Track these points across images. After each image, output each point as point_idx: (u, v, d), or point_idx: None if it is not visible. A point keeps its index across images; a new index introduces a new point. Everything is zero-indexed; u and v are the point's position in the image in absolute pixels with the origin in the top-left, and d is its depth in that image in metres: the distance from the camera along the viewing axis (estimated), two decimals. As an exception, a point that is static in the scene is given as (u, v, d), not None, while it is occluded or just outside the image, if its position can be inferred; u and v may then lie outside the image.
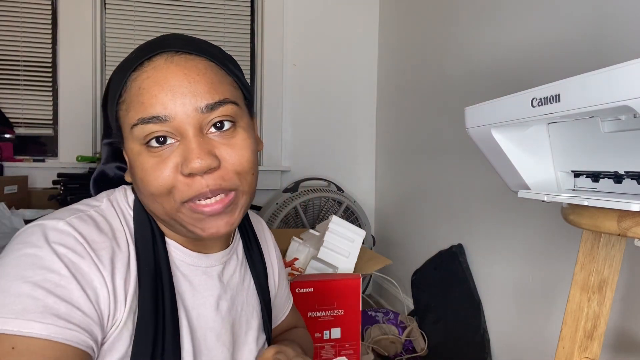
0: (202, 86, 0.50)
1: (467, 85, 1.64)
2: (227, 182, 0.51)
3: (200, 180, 0.49)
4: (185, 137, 0.49)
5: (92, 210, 0.53)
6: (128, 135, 0.51)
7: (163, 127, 0.49)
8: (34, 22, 2.15)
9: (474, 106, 0.78)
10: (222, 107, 0.51)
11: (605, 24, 1.04)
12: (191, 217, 0.51)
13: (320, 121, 2.44)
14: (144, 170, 0.50)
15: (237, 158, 0.52)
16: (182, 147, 0.49)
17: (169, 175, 0.49)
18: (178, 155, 0.49)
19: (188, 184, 0.49)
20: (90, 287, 0.47)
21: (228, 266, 0.63)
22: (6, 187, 1.77)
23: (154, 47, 0.51)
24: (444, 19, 1.81)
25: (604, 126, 0.60)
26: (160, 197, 0.50)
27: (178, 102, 0.48)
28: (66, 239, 0.47)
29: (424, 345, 1.69)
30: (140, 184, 0.51)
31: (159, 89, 0.48)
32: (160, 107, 0.48)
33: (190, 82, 0.49)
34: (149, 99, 0.49)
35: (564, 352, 0.71)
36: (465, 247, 1.64)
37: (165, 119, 0.48)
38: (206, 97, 0.50)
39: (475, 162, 1.56)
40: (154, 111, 0.48)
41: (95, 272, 0.48)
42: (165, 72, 0.49)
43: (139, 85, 0.49)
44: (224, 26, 2.36)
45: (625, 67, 0.47)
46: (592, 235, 0.70)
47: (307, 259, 1.47)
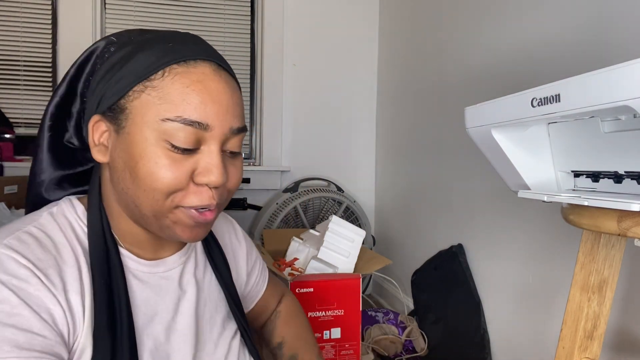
0: (239, 109, 0.54)
1: (467, 86, 1.64)
2: (222, 198, 0.54)
3: (209, 192, 0.51)
4: (209, 149, 0.51)
5: (30, 227, 0.51)
6: (148, 123, 0.49)
7: (198, 135, 0.49)
8: (34, 22, 2.15)
9: (474, 106, 0.78)
10: (242, 133, 0.54)
11: (605, 24, 1.04)
12: (183, 221, 0.52)
13: (320, 121, 2.44)
14: (156, 165, 0.49)
15: (235, 180, 0.55)
16: (203, 157, 0.51)
17: (182, 178, 0.50)
18: (194, 162, 0.50)
19: (196, 193, 0.51)
20: (44, 310, 0.46)
21: (187, 266, 0.63)
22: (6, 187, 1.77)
23: (198, 50, 0.52)
24: (444, 19, 1.81)
25: (604, 126, 0.60)
26: (161, 195, 0.50)
27: (222, 117, 0.50)
28: (7, 264, 0.46)
29: (424, 345, 1.69)
30: (144, 177, 0.49)
31: (210, 99, 0.50)
32: (205, 115, 0.49)
33: (233, 102, 0.52)
34: (198, 104, 0.49)
35: (564, 352, 0.71)
36: (465, 247, 1.64)
37: (206, 129, 0.49)
38: (239, 121, 0.53)
39: (475, 162, 1.56)
40: (199, 117, 0.49)
41: (45, 293, 0.46)
42: (216, 84, 0.51)
43: (187, 84, 0.49)
44: (224, 26, 2.36)
45: (625, 67, 0.47)
46: (592, 235, 0.70)
47: (307, 259, 1.47)
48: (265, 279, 0.82)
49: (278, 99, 2.38)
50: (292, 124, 2.41)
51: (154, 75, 0.49)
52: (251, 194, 2.31)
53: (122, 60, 0.51)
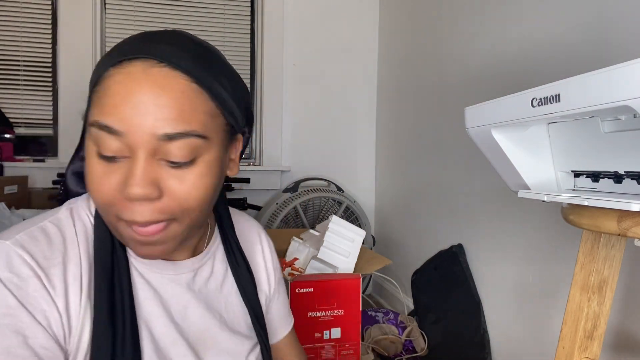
0: (170, 111, 0.45)
1: (467, 86, 1.64)
2: (165, 214, 0.48)
3: (138, 207, 0.46)
4: (135, 158, 0.46)
5: (46, 222, 0.51)
6: (87, 128, 0.48)
7: (114, 142, 0.45)
8: (34, 22, 2.15)
9: (474, 106, 0.78)
10: (183, 140, 0.46)
11: (605, 24, 1.04)
12: (126, 234, 0.49)
13: (320, 121, 2.44)
14: (91, 176, 0.47)
15: (183, 194, 0.48)
16: (128, 166, 0.46)
17: (110, 190, 0.47)
18: (122, 173, 0.46)
19: (126, 207, 0.47)
20: (39, 312, 0.46)
21: (201, 273, 0.61)
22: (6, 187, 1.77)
23: (138, 47, 0.47)
24: (444, 19, 1.81)
25: (604, 126, 0.60)
26: (102, 208, 0.48)
27: (137, 120, 0.44)
28: (12, 261, 0.46)
29: (424, 345, 1.69)
30: (88, 190, 0.49)
31: (123, 100, 0.45)
32: (117, 119, 0.45)
33: (159, 103, 0.45)
34: (110, 106, 0.45)
35: (564, 352, 0.71)
36: (465, 247, 1.64)
37: (118, 133, 0.45)
38: (169, 125, 0.45)
39: (475, 162, 1.56)
40: (109, 120, 0.45)
41: (43, 294, 0.46)
42: (136, 84, 0.45)
43: (110, 85, 0.46)
44: (224, 26, 2.36)
45: (625, 67, 0.47)
46: (592, 235, 0.70)
47: (307, 259, 1.47)
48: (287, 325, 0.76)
49: (278, 99, 2.38)
50: (292, 124, 2.41)
51: (97, 80, 0.48)
52: (251, 194, 2.32)
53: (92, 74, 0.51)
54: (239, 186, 2.25)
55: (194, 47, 0.50)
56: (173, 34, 0.50)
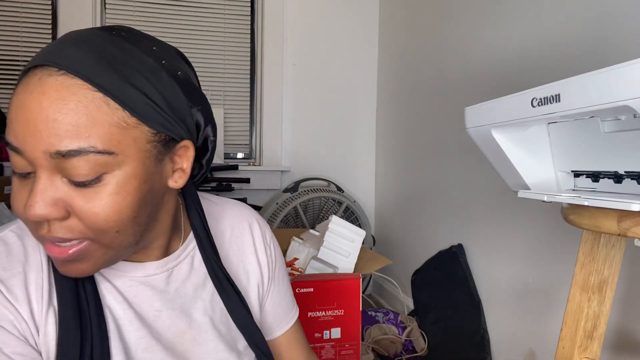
0: (62, 126, 0.40)
1: (467, 86, 1.64)
2: (75, 234, 0.44)
3: (44, 225, 0.43)
4: (35, 175, 0.42)
5: (7, 231, 0.50)
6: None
7: (18, 158, 0.42)
8: (34, 22, 2.15)
9: (474, 106, 0.78)
10: (81, 157, 0.41)
11: (605, 24, 1.04)
12: (47, 251, 0.46)
13: (320, 121, 2.44)
14: (12, 191, 0.45)
15: (91, 215, 0.43)
16: (29, 187, 0.43)
17: (22, 207, 0.44)
18: (27, 194, 0.43)
19: (35, 226, 0.44)
20: (7, 322, 0.45)
21: (178, 272, 0.57)
22: (6, 187, 1.77)
23: (44, 54, 0.42)
24: (444, 19, 1.81)
25: (604, 126, 0.60)
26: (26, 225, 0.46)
27: (29, 137, 0.40)
28: None
29: (424, 345, 1.69)
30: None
31: (17, 115, 0.41)
32: (13, 136, 0.42)
33: (49, 117, 0.40)
34: (9, 122, 0.42)
35: (564, 352, 0.71)
36: (465, 247, 1.64)
37: (16, 151, 0.42)
38: (62, 142, 0.40)
39: (475, 162, 1.56)
40: (9, 137, 0.42)
41: (7, 305, 0.46)
42: (29, 96, 0.41)
43: (12, 100, 0.42)
44: (224, 26, 2.36)
45: (625, 67, 0.47)
46: (592, 235, 0.70)
47: (307, 259, 1.47)
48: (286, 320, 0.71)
49: (278, 99, 2.38)
50: (292, 124, 2.41)
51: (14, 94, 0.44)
52: (251, 194, 2.32)
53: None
54: (239, 186, 2.25)
55: (105, 47, 0.43)
56: (91, 34, 0.44)
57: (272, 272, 0.68)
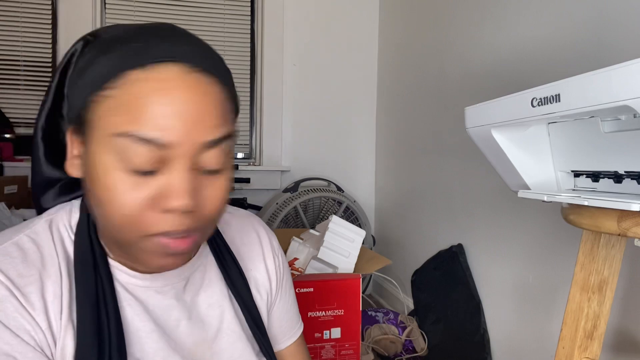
0: (213, 118, 0.44)
1: (467, 86, 1.64)
2: (198, 223, 0.45)
3: (177, 217, 0.43)
4: (174, 169, 0.43)
5: (22, 235, 0.48)
6: (101, 139, 0.43)
7: (156, 155, 0.41)
8: (34, 22, 2.15)
9: (474, 106, 0.78)
10: (222, 145, 0.45)
11: (605, 24, 1.04)
12: (152, 250, 0.45)
13: (320, 121, 2.44)
14: (110, 192, 0.42)
15: (216, 203, 0.46)
16: (165, 179, 0.43)
17: (140, 206, 0.42)
18: (157, 186, 0.43)
19: (161, 219, 0.43)
20: (24, 332, 0.44)
21: (193, 281, 0.57)
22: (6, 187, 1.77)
23: (165, 50, 0.43)
24: (444, 19, 1.81)
25: (604, 126, 0.60)
26: (122, 226, 0.44)
27: (187, 132, 0.42)
28: None
29: (424, 345, 1.69)
30: (101, 204, 0.44)
31: (171, 111, 0.41)
32: (164, 132, 0.41)
33: (206, 111, 0.43)
34: (153, 117, 0.41)
35: (564, 352, 0.71)
36: (465, 247, 1.64)
37: (163, 146, 0.41)
38: (213, 132, 0.44)
39: (475, 162, 1.56)
40: (154, 133, 0.41)
41: (23, 314, 0.44)
42: (179, 92, 0.42)
43: (142, 93, 0.41)
44: (224, 26, 2.36)
45: (625, 67, 0.47)
46: (592, 235, 0.70)
47: (307, 259, 1.47)
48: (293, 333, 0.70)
49: (278, 99, 2.38)
50: (292, 124, 2.41)
51: (112, 84, 0.42)
52: (251, 194, 2.32)
53: (86, 65, 0.45)
54: (239, 186, 2.25)
55: (208, 47, 0.48)
56: (183, 32, 0.47)
57: (279, 281, 0.67)
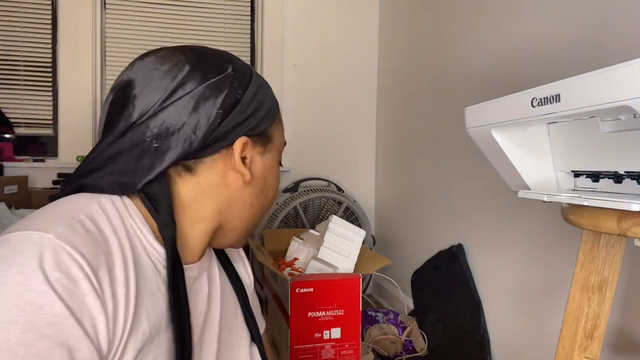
0: None
1: (467, 85, 1.64)
2: None
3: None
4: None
5: (81, 215, 0.45)
6: (277, 147, 0.61)
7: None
8: (34, 22, 2.15)
9: (474, 106, 0.78)
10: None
11: (605, 24, 1.04)
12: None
13: (320, 121, 2.44)
14: (276, 178, 0.62)
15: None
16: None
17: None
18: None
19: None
20: (88, 318, 0.41)
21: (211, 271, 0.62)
22: (6, 187, 1.77)
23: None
24: (444, 19, 1.81)
25: (604, 126, 0.60)
26: (275, 197, 0.62)
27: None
28: (61, 258, 0.40)
29: (424, 345, 1.69)
30: (271, 189, 0.61)
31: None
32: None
33: None
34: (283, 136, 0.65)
35: (564, 352, 0.71)
36: (465, 247, 1.64)
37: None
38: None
39: (475, 162, 1.56)
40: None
41: (93, 297, 0.41)
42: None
43: (281, 124, 0.64)
44: (224, 26, 2.36)
45: (625, 67, 0.47)
46: (592, 235, 0.70)
47: (307, 259, 1.47)
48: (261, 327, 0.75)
49: (278, 99, 2.37)
50: (292, 124, 2.41)
51: (279, 114, 0.63)
52: (251, 194, 2.31)
53: (259, 96, 0.58)
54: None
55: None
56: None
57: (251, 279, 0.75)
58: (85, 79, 2.19)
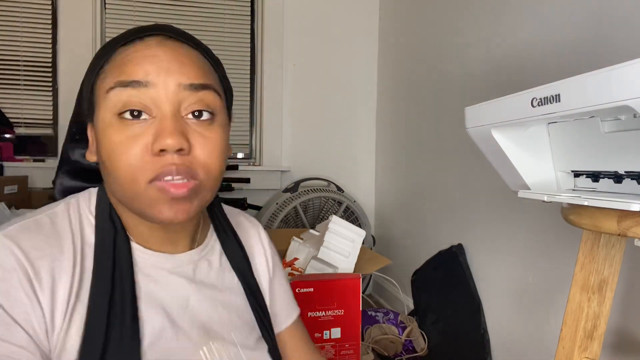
0: (190, 68, 0.50)
1: (467, 85, 1.64)
2: (192, 169, 0.49)
3: (169, 157, 0.47)
4: (161, 114, 0.48)
5: (42, 215, 0.51)
6: (101, 102, 0.50)
7: (141, 96, 0.48)
8: (34, 22, 2.15)
9: (474, 106, 0.78)
10: (205, 91, 0.51)
11: (605, 24, 1.04)
12: (153, 197, 0.48)
13: (320, 121, 2.44)
14: (112, 144, 0.48)
15: (207, 152, 0.50)
16: (155, 125, 0.48)
17: (136, 154, 0.47)
18: (150, 134, 0.48)
19: (155, 162, 0.47)
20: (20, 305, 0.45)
21: (200, 266, 0.60)
22: (6, 187, 1.77)
23: (147, 28, 0.52)
24: (444, 19, 1.81)
25: (604, 126, 0.60)
26: (129, 177, 0.48)
27: (162, 74, 0.48)
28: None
29: (424, 345, 1.69)
30: (106, 160, 0.49)
31: (146, 60, 0.48)
32: (143, 73, 0.48)
33: (179, 62, 0.50)
34: (132, 67, 0.48)
35: (564, 352, 0.71)
36: (465, 247, 1.64)
37: (145, 85, 0.48)
38: (191, 77, 0.50)
39: (475, 162, 1.56)
40: (135, 76, 0.48)
41: (26, 287, 0.45)
42: (155, 50, 0.49)
43: (125, 57, 0.49)
44: (224, 26, 2.36)
45: (625, 67, 0.47)
46: (592, 235, 0.70)
47: (307, 259, 1.47)
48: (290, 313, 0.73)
49: (278, 99, 2.38)
50: (292, 124, 2.41)
51: (105, 62, 0.51)
52: (251, 194, 2.31)
53: (91, 62, 0.54)
54: (239, 186, 2.25)
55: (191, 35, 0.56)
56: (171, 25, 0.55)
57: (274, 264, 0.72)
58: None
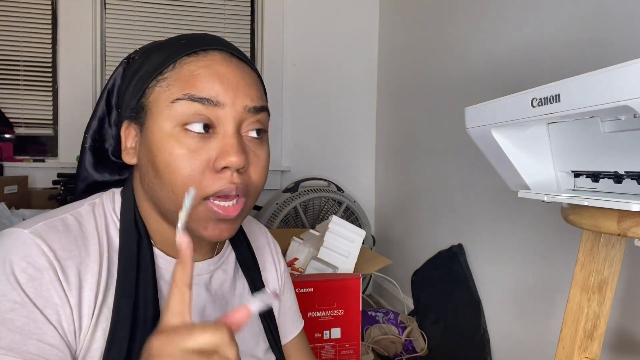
0: (255, 91, 0.52)
1: (467, 85, 1.64)
2: (248, 187, 0.51)
3: (229, 175, 0.48)
4: (224, 131, 0.49)
5: (67, 214, 0.51)
6: (162, 110, 0.49)
7: (207, 112, 0.48)
8: (34, 22, 2.15)
9: (474, 106, 0.78)
10: (263, 113, 0.53)
11: (605, 24, 1.04)
12: (202, 216, 0.49)
13: (320, 121, 2.44)
14: (172, 155, 0.48)
15: (258, 171, 0.53)
16: (218, 142, 0.49)
17: (199, 168, 0.48)
18: (212, 149, 0.48)
19: (215, 179, 0.48)
20: (51, 305, 0.45)
21: (216, 275, 0.61)
22: (6, 187, 1.77)
23: (208, 41, 0.53)
24: (444, 19, 1.81)
25: (604, 126, 0.60)
26: (180, 188, 0.48)
27: (231, 95, 0.49)
28: (29, 249, 0.45)
29: (424, 345, 1.69)
30: (163, 169, 0.48)
31: (217, 79, 0.49)
32: (214, 92, 0.49)
33: (246, 84, 0.51)
34: (203, 83, 0.49)
35: (564, 352, 0.71)
36: (465, 247, 1.63)
37: (216, 104, 0.48)
38: (255, 100, 0.52)
39: (475, 162, 1.56)
40: (206, 94, 0.48)
41: (57, 287, 0.45)
42: (224, 68, 0.51)
43: (194, 70, 0.50)
44: (224, 26, 2.36)
45: (625, 67, 0.47)
46: (592, 235, 0.70)
47: (307, 259, 1.47)
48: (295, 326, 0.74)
49: (278, 99, 2.37)
50: (292, 124, 2.41)
51: (165, 69, 0.51)
52: (251, 194, 2.31)
53: (139, 66, 0.53)
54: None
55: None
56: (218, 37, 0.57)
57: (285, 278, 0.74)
58: (85, 79, 2.19)
